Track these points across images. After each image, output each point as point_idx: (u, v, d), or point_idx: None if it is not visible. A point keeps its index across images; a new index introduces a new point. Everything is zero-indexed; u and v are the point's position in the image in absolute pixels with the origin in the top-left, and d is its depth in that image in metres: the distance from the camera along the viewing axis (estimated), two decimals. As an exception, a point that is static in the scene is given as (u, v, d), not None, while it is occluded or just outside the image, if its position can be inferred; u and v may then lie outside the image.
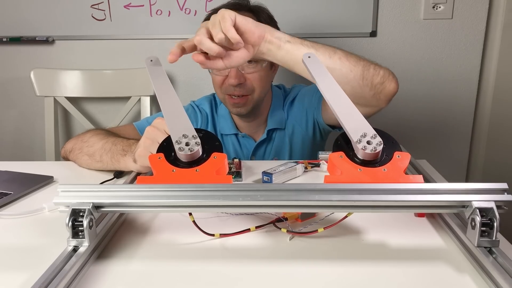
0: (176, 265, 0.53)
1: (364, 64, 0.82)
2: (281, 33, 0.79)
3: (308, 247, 0.57)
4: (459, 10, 1.41)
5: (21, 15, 1.48)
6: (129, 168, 0.81)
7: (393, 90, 0.84)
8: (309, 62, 0.67)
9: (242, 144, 1.14)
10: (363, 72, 0.81)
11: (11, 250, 0.57)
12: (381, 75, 0.83)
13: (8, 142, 1.65)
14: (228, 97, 1.04)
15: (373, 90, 0.83)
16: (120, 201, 0.53)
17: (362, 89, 0.82)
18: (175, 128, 0.59)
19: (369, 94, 0.83)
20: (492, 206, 0.50)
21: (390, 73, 0.84)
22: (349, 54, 0.82)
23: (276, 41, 0.77)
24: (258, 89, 1.03)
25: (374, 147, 0.56)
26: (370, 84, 0.82)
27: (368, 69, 0.82)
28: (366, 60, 0.83)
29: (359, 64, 0.81)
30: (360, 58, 0.82)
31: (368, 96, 0.84)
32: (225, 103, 1.08)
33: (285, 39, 0.78)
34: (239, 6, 1.05)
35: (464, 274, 0.50)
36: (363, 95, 0.83)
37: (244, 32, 0.73)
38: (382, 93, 0.84)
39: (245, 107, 1.04)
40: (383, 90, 0.84)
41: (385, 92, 0.84)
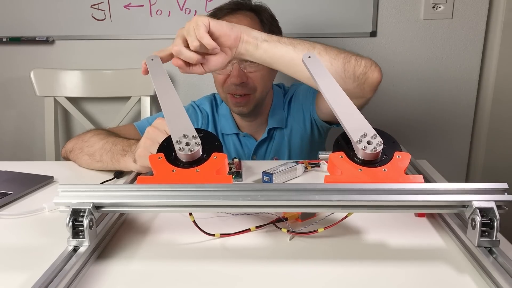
0: (176, 265, 0.53)
1: (345, 57, 0.81)
2: (258, 32, 0.78)
3: (308, 247, 0.57)
4: (459, 10, 1.41)
5: (21, 15, 1.48)
6: (129, 168, 0.81)
7: (376, 80, 0.83)
8: (309, 62, 0.67)
9: (243, 144, 1.14)
10: (344, 64, 0.81)
11: (11, 250, 0.57)
12: (362, 65, 0.82)
13: (8, 142, 1.65)
14: (230, 96, 1.04)
15: (356, 81, 0.82)
16: (120, 201, 0.53)
17: (345, 81, 0.81)
18: (176, 128, 0.59)
19: (352, 85, 0.83)
20: (492, 206, 0.50)
21: (372, 62, 0.84)
22: (328, 48, 0.81)
23: (253, 40, 0.77)
24: (260, 88, 1.04)
25: (374, 147, 0.56)
26: (353, 75, 0.81)
27: (349, 61, 0.81)
28: (347, 52, 0.82)
29: (339, 57, 0.80)
30: (341, 51, 0.82)
31: (352, 87, 0.83)
32: (226, 102, 1.08)
33: (262, 38, 0.78)
34: (240, 6, 1.05)
35: (464, 274, 0.50)
36: (346, 87, 0.81)
37: (219, 36, 0.74)
38: (366, 83, 0.83)
39: (247, 106, 1.04)
40: (367, 80, 0.83)
41: (369, 82, 0.83)
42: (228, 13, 1.03)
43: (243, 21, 1.00)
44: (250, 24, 1.00)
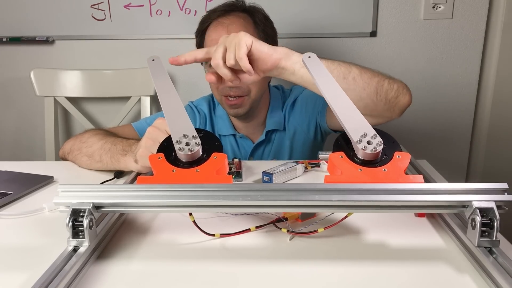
0: (176, 265, 0.53)
1: (378, 80, 0.81)
2: (297, 56, 0.75)
3: (308, 247, 0.57)
4: (459, 10, 1.41)
5: (21, 15, 1.48)
6: (130, 168, 0.81)
7: (407, 103, 0.85)
8: (309, 62, 0.67)
9: (240, 145, 1.14)
10: (377, 88, 0.81)
11: (11, 250, 0.57)
12: (395, 89, 0.82)
13: (8, 142, 1.65)
14: (225, 98, 1.03)
15: (387, 104, 0.83)
16: (120, 201, 0.53)
17: (376, 105, 0.82)
18: (176, 128, 0.59)
19: (383, 108, 0.83)
20: (492, 206, 0.50)
21: (404, 86, 0.84)
22: (363, 71, 0.80)
23: (291, 67, 0.75)
24: (255, 90, 1.03)
25: (374, 147, 0.56)
26: (384, 99, 0.82)
27: (382, 84, 0.81)
28: (380, 75, 0.82)
29: (373, 81, 0.80)
30: (374, 74, 0.81)
31: (382, 110, 0.84)
32: (222, 104, 1.08)
33: (300, 64, 0.75)
34: (233, 7, 1.04)
35: (464, 274, 0.50)
36: (376, 109, 0.83)
37: (257, 59, 0.73)
38: (396, 106, 0.84)
39: (242, 108, 1.04)
40: (398, 103, 0.84)
41: (399, 106, 0.84)
42: (221, 14, 1.02)
43: (236, 23, 1.00)
44: (243, 25, 1.00)
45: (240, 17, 1.02)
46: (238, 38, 0.70)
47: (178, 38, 1.47)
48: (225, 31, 0.98)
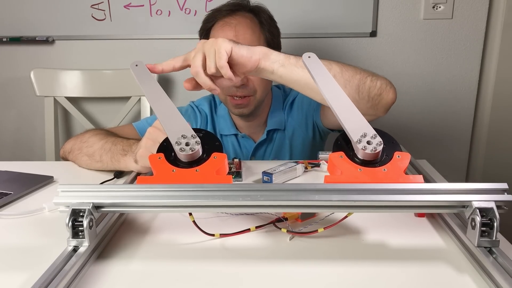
0: (176, 265, 0.53)
1: (360, 78, 0.80)
2: (276, 55, 0.75)
3: (308, 247, 0.57)
4: (459, 10, 1.41)
5: (21, 15, 1.48)
6: (130, 168, 0.81)
7: (390, 101, 0.83)
8: (309, 62, 0.67)
9: (241, 145, 1.14)
10: (359, 86, 0.79)
11: (11, 250, 0.57)
12: (377, 86, 0.81)
13: (8, 142, 1.65)
14: (230, 98, 1.03)
15: (370, 102, 0.81)
16: (120, 201, 0.53)
17: (358, 102, 0.80)
18: (172, 130, 0.59)
19: (366, 106, 0.82)
20: (492, 206, 0.50)
21: (387, 83, 0.83)
22: (344, 69, 0.79)
23: (269, 67, 0.75)
24: (260, 90, 1.03)
25: (374, 147, 0.56)
26: (367, 97, 0.81)
27: (364, 82, 0.80)
28: (363, 73, 0.81)
29: (354, 79, 0.79)
30: (356, 71, 0.80)
31: (365, 107, 0.82)
32: (226, 104, 1.08)
33: (279, 63, 0.74)
34: (239, 7, 1.04)
35: (464, 274, 0.50)
36: (359, 107, 0.80)
37: (237, 64, 0.72)
38: (380, 104, 0.83)
39: (247, 108, 1.04)
40: (381, 101, 0.82)
41: (383, 103, 0.83)
42: (228, 14, 1.02)
43: (243, 22, 1.00)
44: (250, 26, 1.00)
45: (246, 17, 1.02)
46: (217, 46, 0.69)
47: (178, 38, 1.47)
48: (233, 31, 0.98)
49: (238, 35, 0.98)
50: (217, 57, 0.69)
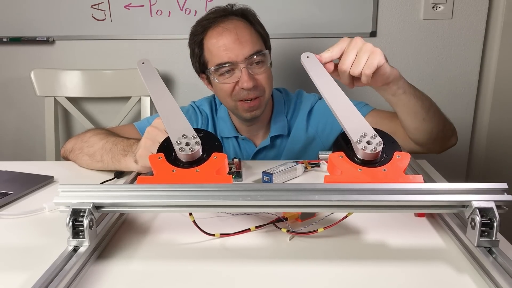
0: (176, 265, 0.53)
1: (445, 119, 0.90)
2: (403, 82, 0.79)
3: (308, 247, 0.57)
4: (459, 10, 1.41)
5: (21, 15, 1.48)
6: (130, 168, 0.81)
7: (453, 145, 0.93)
8: (307, 62, 0.67)
9: (242, 148, 1.13)
10: (445, 126, 0.89)
11: (11, 250, 0.57)
12: (451, 129, 0.92)
13: (9, 142, 1.65)
14: (241, 102, 1.01)
15: (443, 141, 0.91)
16: (120, 201, 0.53)
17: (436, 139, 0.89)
18: (174, 129, 0.59)
19: (438, 143, 0.91)
20: (492, 206, 0.50)
21: (454, 128, 0.93)
22: (438, 109, 0.88)
23: (394, 91, 0.79)
24: (268, 89, 1.03)
25: (374, 147, 0.56)
26: (443, 136, 0.90)
27: (445, 124, 0.89)
28: (445, 116, 0.90)
29: (442, 118, 0.88)
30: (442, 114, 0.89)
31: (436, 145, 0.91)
32: (236, 110, 1.04)
33: (403, 90, 0.80)
34: (228, 11, 1.02)
35: (464, 274, 0.50)
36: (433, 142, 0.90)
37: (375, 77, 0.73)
38: (446, 145, 0.93)
39: (259, 109, 1.03)
40: (448, 143, 0.93)
41: (449, 145, 0.93)
42: (219, 21, 1.00)
43: (240, 26, 0.99)
44: (247, 29, 1.00)
45: (239, 20, 1.01)
46: (373, 55, 0.70)
47: (178, 38, 1.47)
48: (234, 35, 0.97)
49: (240, 37, 0.97)
50: (366, 66, 0.70)
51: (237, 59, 0.97)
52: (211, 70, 1.00)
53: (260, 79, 1.00)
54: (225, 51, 0.97)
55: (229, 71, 0.99)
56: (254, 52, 0.98)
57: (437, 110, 0.87)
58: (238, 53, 0.97)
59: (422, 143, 0.90)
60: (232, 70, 0.99)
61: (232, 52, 0.97)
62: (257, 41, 1.01)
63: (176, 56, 1.49)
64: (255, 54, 0.98)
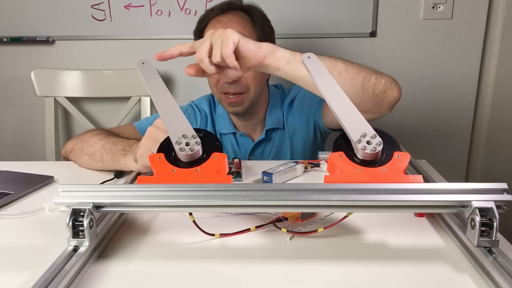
0: (176, 265, 0.53)
1: (365, 75, 0.80)
2: (282, 52, 0.76)
3: (308, 247, 0.57)
4: (459, 10, 1.41)
5: (21, 15, 1.48)
6: (130, 168, 0.81)
7: (395, 98, 0.84)
8: (308, 62, 0.67)
9: (240, 143, 1.14)
10: (363, 83, 0.80)
11: (11, 250, 0.57)
12: (382, 84, 0.81)
13: (9, 142, 1.65)
14: (224, 96, 1.03)
15: (374, 99, 0.82)
16: (120, 201, 0.53)
17: (362, 99, 0.81)
18: (174, 129, 0.59)
19: (370, 103, 0.82)
20: (492, 206, 0.50)
21: (392, 81, 0.83)
22: (349, 66, 0.80)
23: (275, 64, 0.76)
24: (254, 87, 1.03)
25: (374, 147, 0.56)
26: (372, 94, 0.81)
27: (369, 79, 0.80)
28: (368, 70, 0.81)
29: (359, 76, 0.79)
30: (361, 69, 0.80)
31: (369, 105, 0.83)
32: (221, 103, 1.08)
33: (285, 60, 0.75)
34: (232, 6, 1.05)
35: (464, 274, 0.50)
36: (363, 104, 0.81)
37: (243, 57, 0.73)
38: (384, 101, 0.83)
39: (241, 106, 1.04)
40: (385, 98, 0.83)
41: (387, 101, 0.83)
42: (220, 13, 1.03)
43: (234, 20, 1.01)
44: (241, 23, 1.01)
45: (238, 15, 1.03)
46: (225, 35, 0.70)
47: (178, 38, 1.47)
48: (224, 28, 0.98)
49: None
50: (224, 46, 0.69)
51: None
52: None
53: (245, 75, 1.00)
54: None
55: None
56: None
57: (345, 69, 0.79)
58: None
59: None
60: None
61: None
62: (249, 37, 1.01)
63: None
64: None
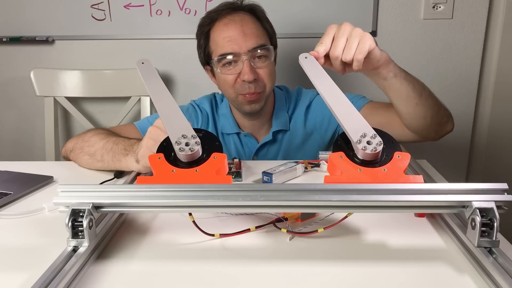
0: (176, 265, 0.53)
1: (440, 104, 0.89)
2: (394, 65, 0.80)
3: (308, 247, 0.57)
4: (459, 10, 1.41)
5: (21, 15, 1.48)
6: (131, 168, 0.81)
7: (450, 131, 0.93)
8: (305, 62, 0.67)
9: (244, 144, 1.14)
10: (439, 111, 0.88)
11: (11, 250, 0.57)
12: (447, 115, 0.91)
13: (8, 142, 1.65)
14: (242, 96, 1.02)
15: (438, 127, 0.90)
16: (120, 201, 0.53)
17: (430, 125, 0.89)
18: (174, 129, 0.59)
19: (433, 130, 0.91)
20: (492, 206, 0.50)
21: (450, 114, 0.92)
22: (431, 92, 0.87)
23: (385, 74, 0.80)
24: (269, 84, 1.04)
25: (374, 147, 0.56)
26: (439, 122, 0.89)
27: (440, 108, 0.88)
28: (439, 100, 0.89)
29: (437, 103, 0.88)
30: (436, 97, 0.88)
31: (431, 131, 0.91)
32: (236, 103, 1.06)
33: (394, 73, 0.80)
34: (237, 6, 1.05)
35: (464, 274, 0.50)
36: (428, 129, 0.90)
37: (367, 61, 0.74)
38: (442, 131, 0.92)
39: (259, 103, 1.04)
40: (444, 129, 0.92)
41: (445, 131, 0.92)
42: (227, 13, 1.02)
43: (247, 20, 1.01)
44: (254, 23, 1.02)
45: (246, 14, 1.03)
46: (364, 39, 0.71)
47: (178, 38, 1.47)
48: (239, 27, 0.99)
49: (245, 30, 0.99)
50: (358, 51, 0.71)
51: (241, 50, 0.98)
52: (214, 61, 1.02)
53: (262, 73, 1.01)
54: (229, 42, 0.98)
55: (231, 62, 1.00)
56: (258, 45, 0.99)
57: (430, 94, 0.87)
58: (242, 45, 0.98)
59: (417, 129, 0.91)
60: (235, 61, 1.00)
61: (236, 44, 0.98)
62: (262, 36, 1.02)
63: (176, 56, 1.49)
64: (258, 47, 0.99)
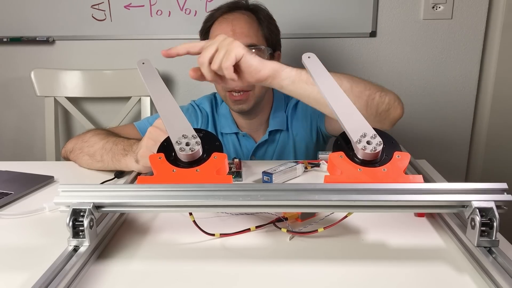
0: (176, 265, 0.53)
1: (369, 94, 0.80)
2: (287, 73, 0.74)
3: (308, 247, 0.57)
4: (459, 10, 1.41)
5: (21, 15, 1.48)
6: (130, 168, 0.81)
7: (397, 116, 0.84)
8: (308, 62, 0.67)
9: (242, 144, 1.14)
10: (368, 102, 0.80)
11: (11, 250, 0.57)
12: (386, 102, 0.82)
13: (9, 142, 1.65)
14: (229, 94, 1.03)
15: (377, 117, 0.82)
16: (121, 201, 0.53)
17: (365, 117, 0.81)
18: (174, 129, 0.59)
19: (373, 121, 0.82)
20: (492, 206, 0.50)
21: (395, 98, 0.83)
22: (354, 84, 0.79)
23: (277, 85, 0.75)
24: (259, 85, 1.03)
25: (374, 147, 0.56)
26: (375, 112, 0.81)
27: (373, 98, 0.80)
28: (372, 88, 0.81)
29: (363, 95, 0.79)
30: (366, 86, 0.80)
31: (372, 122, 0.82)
32: (226, 101, 1.08)
33: (289, 80, 0.74)
34: (238, 5, 1.05)
35: (464, 274, 0.50)
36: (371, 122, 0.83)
37: (244, 71, 0.72)
38: (387, 119, 0.84)
39: (247, 104, 1.04)
40: (388, 116, 0.83)
41: (390, 118, 0.84)
42: (226, 11, 1.04)
43: (240, 19, 1.01)
44: (247, 21, 1.01)
45: (244, 13, 1.04)
46: (231, 47, 0.70)
47: (178, 38, 1.47)
48: (230, 26, 0.99)
49: (235, 29, 0.99)
50: (225, 58, 0.69)
51: None
52: None
53: None
54: None
55: None
56: (247, 44, 0.98)
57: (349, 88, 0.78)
58: None
59: None
60: None
61: None
62: (255, 36, 1.02)
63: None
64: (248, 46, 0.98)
